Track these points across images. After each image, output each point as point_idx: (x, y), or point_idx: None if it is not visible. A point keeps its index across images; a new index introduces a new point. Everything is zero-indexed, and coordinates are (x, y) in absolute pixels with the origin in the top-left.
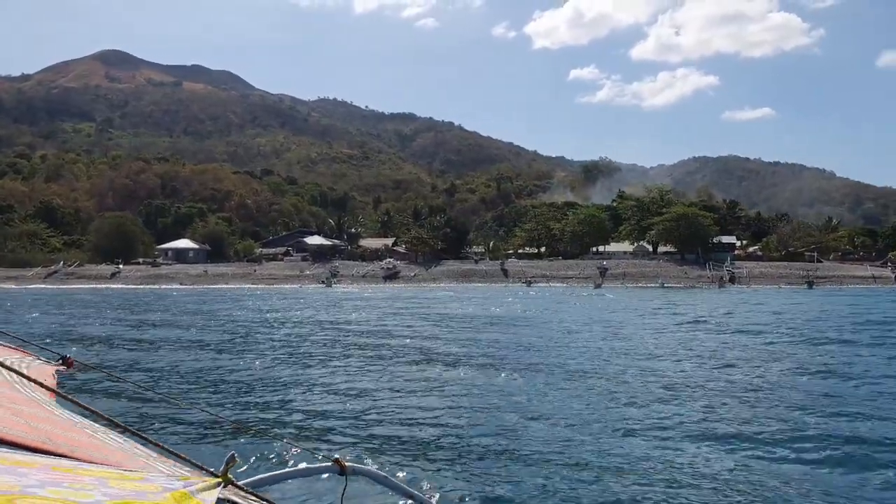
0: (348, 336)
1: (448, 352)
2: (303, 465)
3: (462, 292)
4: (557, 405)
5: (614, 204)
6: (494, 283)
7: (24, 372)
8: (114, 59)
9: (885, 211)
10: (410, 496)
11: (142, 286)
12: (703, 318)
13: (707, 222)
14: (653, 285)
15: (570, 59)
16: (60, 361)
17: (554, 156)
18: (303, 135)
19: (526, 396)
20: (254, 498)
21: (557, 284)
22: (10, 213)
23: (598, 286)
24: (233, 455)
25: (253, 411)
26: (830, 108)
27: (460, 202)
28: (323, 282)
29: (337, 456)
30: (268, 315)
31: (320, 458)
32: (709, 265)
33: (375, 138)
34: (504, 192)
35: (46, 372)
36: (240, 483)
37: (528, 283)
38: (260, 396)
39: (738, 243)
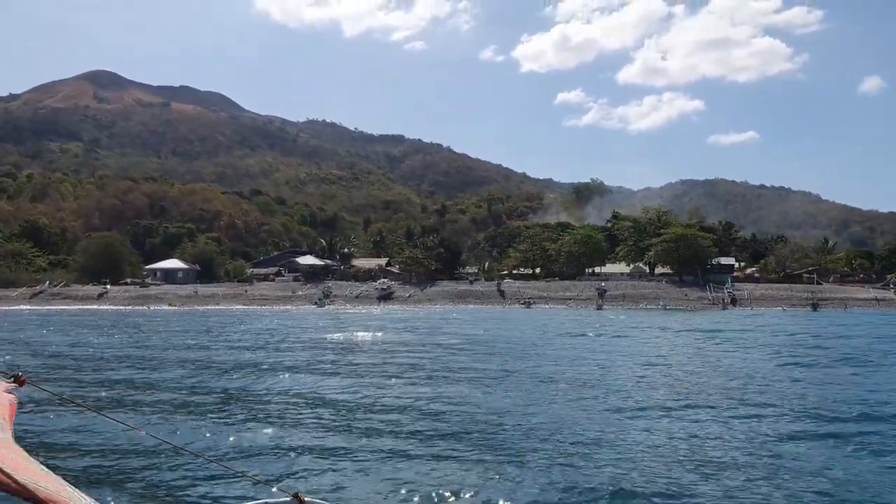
0: (349, 358)
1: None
2: (258, 501)
3: (463, 314)
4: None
5: (609, 225)
6: (491, 304)
7: None
8: (102, 80)
9: (872, 234)
10: None
11: (129, 307)
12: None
13: (706, 243)
14: (653, 307)
15: (557, 83)
16: (12, 379)
17: (542, 178)
18: (292, 156)
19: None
20: None
21: (557, 306)
22: None
23: (599, 308)
24: None
25: (208, 438)
26: (814, 132)
27: (451, 223)
28: (315, 302)
29: (297, 491)
30: (262, 336)
31: (275, 491)
32: (709, 287)
33: (364, 159)
34: (495, 213)
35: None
36: None
37: (528, 305)
38: (225, 420)
39: (737, 265)
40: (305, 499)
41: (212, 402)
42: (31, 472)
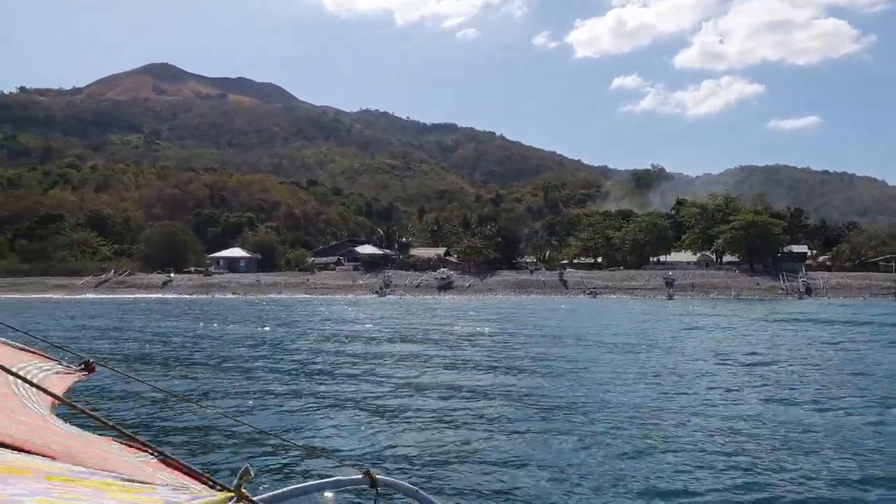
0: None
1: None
2: (329, 479)
3: (533, 304)
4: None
5: (673, 212)
6: (554, 294)
7: (36, 376)
8: (161, 73)
9: None
10: None
11: (194, 295)
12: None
13: (777, 231)
14: (723, 297)
15: (612, 68)
16: (82, 366)
17: (597, 165)
18: (346, 146)
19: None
20: None
21: (623, 296)
22: (61, 222)
23: (670, 297)
24: (247, 468)
25: (282, 421)
26: (880, 115)
27: (506, 212)
28: (376, 292)
29: (369, 468)
30: (336, 327)
31: (348, 470)
32: (782, 276)
33: (417, 149)
34: (551, 201)
35: (61, 378)
36: (255, 498)
37: (594, 295)
38: (299, 409)
39: (809, 252)
40: (377, 476)
41: (306, 390)
42: (74, 450)
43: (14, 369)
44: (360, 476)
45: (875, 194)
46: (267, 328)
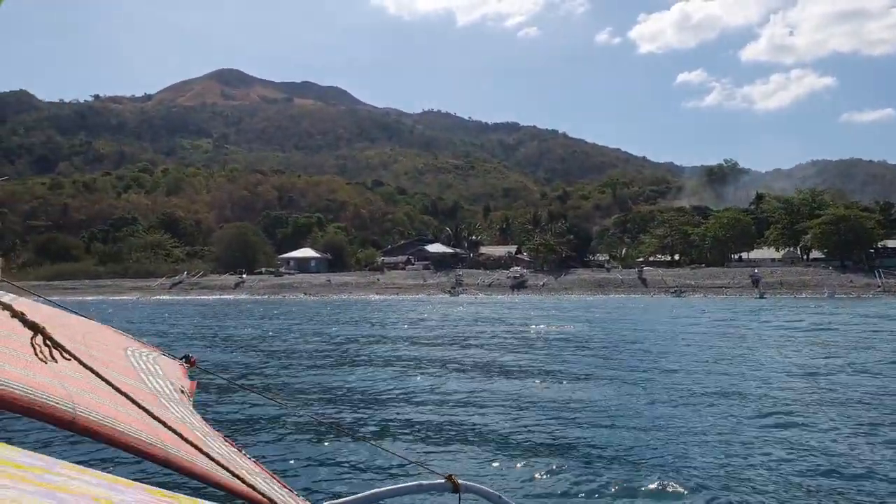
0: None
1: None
2: (413, 483)
3: (620, 304)
4: None
5: (752, 207)
6: (634, 293)
7: (159, 367)
8: (228, 78)
9: None
10: None
11: (266, 296)
12: None
13: (871, 225)
14: (817, 295)
15: (676, 63)
16: (184, 360)
17: (663, 161)
18: (409, 147)
19: None
20: None
21: (710, 296)
22: (135, 225)
23: (761, 296)
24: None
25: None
26: None
27: (573, 209)
28: (448, 291)
29: (452, 473)
30: (428, 326)
31: (429, 473)
32: (878, 272)
33: (479, 148)
34: (620, 199)
35: (178, 369)
36: (337, 502)
37: (679, 294)
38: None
39: None
40: (460, 481)
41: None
42: (191, 453)
43: (134, 354)
44: (442, 481)
45: None
46: (349, 328)
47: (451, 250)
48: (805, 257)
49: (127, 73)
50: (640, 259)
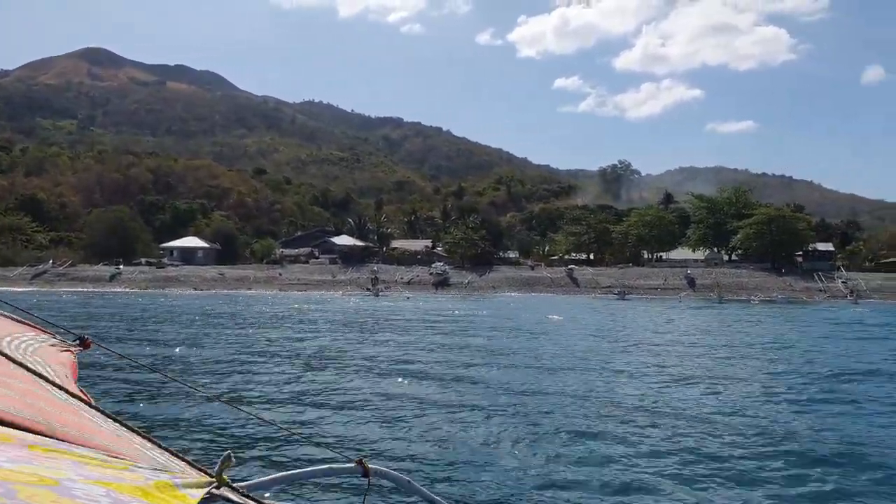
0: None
1: None
2: (324, 466)
3: (572, 306)
4: None
5: (661, 207)
6: (566, 293)
7: (37, 349)
8: (97, 57)
9: (882, 224)
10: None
11: (148, 290)
12: None
13: (803, 227)
14: (754, 299)
15: (554, 69)
16: (77, 342)
17: (542, 163)
18: (289, 136)
19: None
20: (250, 500)
21: (649, 297)
22: None
23: (722, 299)
24: (229, 454)
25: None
26: (816, 122)
27: (470, 206)
28: (368, 289)
29: (362, 457)
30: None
31: (340, 457)
32: (818, 276)
33: (363, 142)
34: (514, 196)
35: (61, 353)
36: (239, 484)
37: (623, 296)
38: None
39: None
40: (370, 465)
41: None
42: (64, 423)
43: (13, 339)
44: (352, 465)
45: (815, 196)
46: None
47: (360, 243)
48: (729, 258)
49: None
50: (555, 257)
